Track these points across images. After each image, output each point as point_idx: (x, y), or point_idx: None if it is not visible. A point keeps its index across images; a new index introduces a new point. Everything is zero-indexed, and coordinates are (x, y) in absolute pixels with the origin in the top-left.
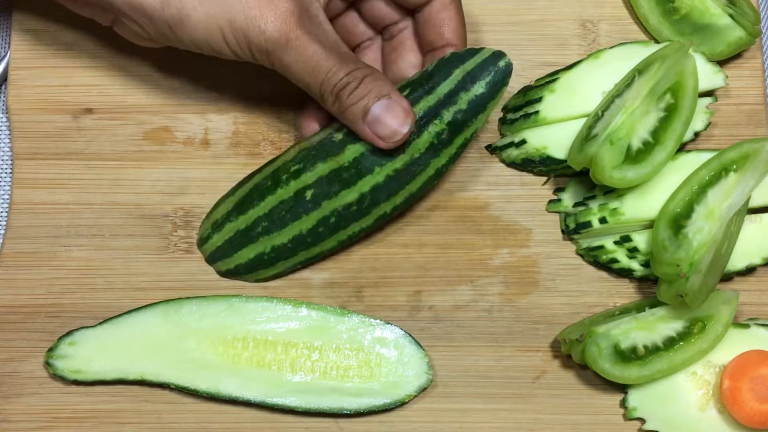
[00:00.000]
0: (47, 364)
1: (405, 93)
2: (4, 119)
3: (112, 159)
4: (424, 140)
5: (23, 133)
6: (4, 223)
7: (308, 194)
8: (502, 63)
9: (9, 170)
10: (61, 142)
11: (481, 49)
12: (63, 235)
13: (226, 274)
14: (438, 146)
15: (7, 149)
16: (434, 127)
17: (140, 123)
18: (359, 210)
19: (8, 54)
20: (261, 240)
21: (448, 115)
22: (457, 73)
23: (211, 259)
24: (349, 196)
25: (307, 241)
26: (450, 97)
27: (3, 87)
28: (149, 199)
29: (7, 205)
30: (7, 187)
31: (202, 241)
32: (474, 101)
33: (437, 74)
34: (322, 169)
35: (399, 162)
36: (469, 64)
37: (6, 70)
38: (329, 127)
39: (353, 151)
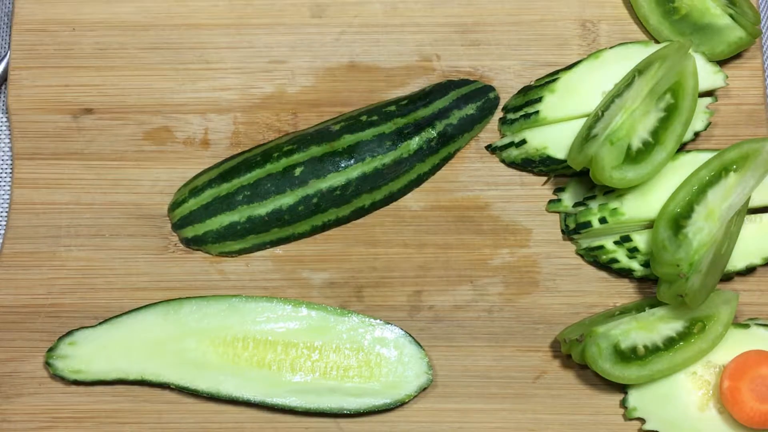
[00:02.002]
0: (47, 364)
1: (404, 103)
2: (4, 119)
3: (112, 159)
4: (415, 143)
5: (23, 133)
6: (4, 223)
7: (297, 171)
8: (491, 95)
9: (9, 170)
10: (61, 142)
11: (475, 81)
12: (63, 235)
13: (192, 241)
14: (425, 152)
15: (7, 149)
16: (426, 134)
17: (140, 123)
18: (342, 196)
19: (8, 54)
20: (239, 208)
21: (440, 126)
22: (453, 95)
23: (181, 224)
24: (337, 179)
25: (284, 218)
26: (444, 112)
27: (3, 87)
28: (149, 199)
29: (7, 205)
30: (7, 187)
31: (174, 206)
32: (464, 119)
33: (435, 93)
34: (315, 150)
35: (389, 157)
36: (464, 89)
37: (6, 70)
38: (326, 121)
39: (349, 139)
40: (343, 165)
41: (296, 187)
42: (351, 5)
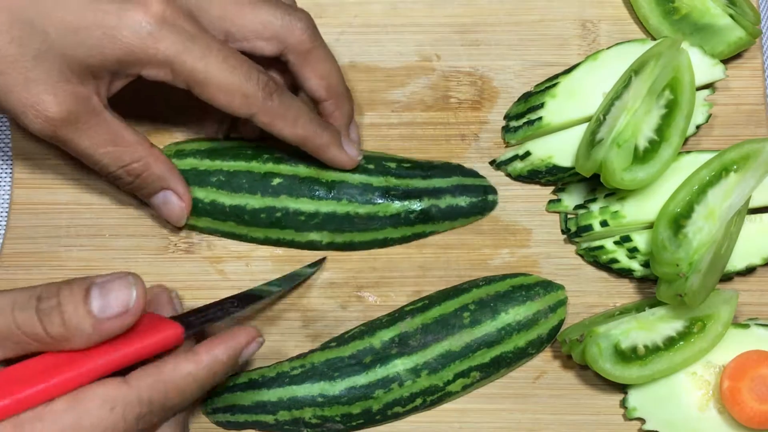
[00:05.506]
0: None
1: (406, 165)
2: (4, 119)
3: None
4: (395, 207)
5: (23, 133)
6: (4, 223)
7: (275, 181)
8: (490, 197)
9: (9, 170)
10: None
11: (483, 177)
12: (63, 235)
13: None
14: (401, 221)
15: (7, 149)
16: (410, 204)
17: (140, 123)
18: (304, 222)
19: None
20: (208, 189)
21: (426, 203)
22: (454, 179)
23: None
24: (307, 206)
25: (243, 218)
26: (436, 192)
27: None
28: None
29: (7, 205)
30: (7, 187)
31: None
32: (452, 207)
33: (439, 170)
34: (302, 170)
35: (364, 209)
36: (467, 180)
37: None
38: None
39: (338, 175)
40: (318, 195)
41: (267, 195)
42: (351, 5)
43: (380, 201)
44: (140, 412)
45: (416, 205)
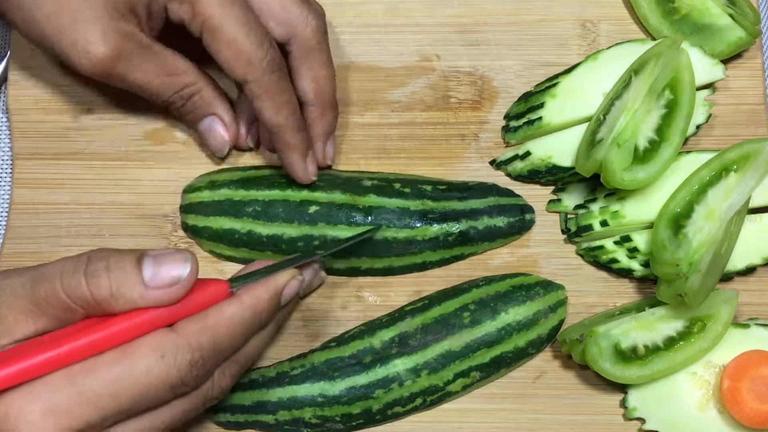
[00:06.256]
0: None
1: (441, 188)
2: (4, 119)
3: (112, 159)
4: (433, 230)
5: (23, 133)
6: (4, 223)
7: (312, 209)
8: (528, 216)
9: (9, 170)
10: (61, 142)
11: (519, 196)
12: (63, 235)
13: (189, 228)
14: (440, 244)
15: (7, 149)
16: (448, 227)
17: (140, 123)
18: (342, 249)
19: (8, 54)
20: (244, 219)
21: (464, 225)
22: (490, 200)
23: (187, 209)
24: (345, 232)
25: (281, 247)
26: (474, 213)
27: (3, 87)
28: (149, 199)
29: (7, 205)
30: (7, 187)
31: (190, 189)
32: (490, 229)
33: (474, 191)
34: (338, 197)
35: (402, 233)
36: (503, 200)
37: (6, 70)
38: (362, 171)
39: (374, 201)
40: (355, 221)
41: (304, 224)
42: (351, 5)
43: (418, 225)
44: (192, 358)
45: (455, 228)
